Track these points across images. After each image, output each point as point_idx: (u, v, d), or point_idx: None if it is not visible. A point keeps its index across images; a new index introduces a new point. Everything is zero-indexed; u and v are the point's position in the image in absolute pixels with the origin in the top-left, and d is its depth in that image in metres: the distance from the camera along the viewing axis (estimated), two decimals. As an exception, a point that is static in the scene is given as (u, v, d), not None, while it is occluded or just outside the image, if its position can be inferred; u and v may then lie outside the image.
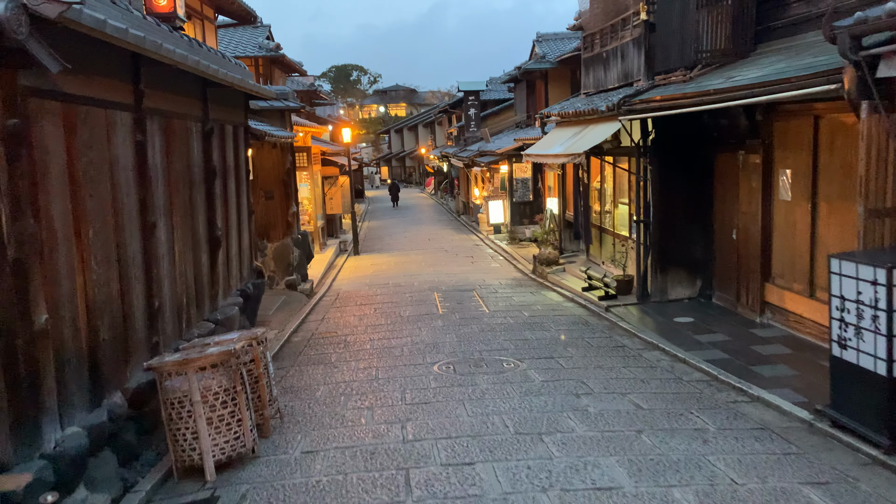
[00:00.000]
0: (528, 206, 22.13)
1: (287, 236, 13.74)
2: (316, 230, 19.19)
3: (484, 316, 11.15)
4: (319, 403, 7.05)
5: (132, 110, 5.97)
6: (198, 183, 7.73)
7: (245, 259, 9.71)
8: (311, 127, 18.50)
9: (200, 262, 7.73)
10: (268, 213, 13.62)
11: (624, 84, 12.41)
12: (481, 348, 9.01)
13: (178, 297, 6.95)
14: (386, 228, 28.51)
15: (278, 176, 13.62)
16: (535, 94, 27.46)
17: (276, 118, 13.54)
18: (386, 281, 15.52)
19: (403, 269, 17.20)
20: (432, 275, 16.03)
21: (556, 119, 15.12)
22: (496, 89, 36.10)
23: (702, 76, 9.50)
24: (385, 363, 8.53)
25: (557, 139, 13.89)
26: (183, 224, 7.20)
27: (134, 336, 5.80)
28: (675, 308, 10.66)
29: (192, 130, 7.55)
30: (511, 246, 19.93)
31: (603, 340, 9.25)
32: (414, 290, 14.08)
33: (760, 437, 5.65)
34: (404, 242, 23.16)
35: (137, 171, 6.05)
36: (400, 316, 11.47)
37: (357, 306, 12.68)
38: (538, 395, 6.89)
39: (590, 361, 8.17)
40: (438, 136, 50.84)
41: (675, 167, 10.85)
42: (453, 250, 20.53)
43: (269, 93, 9.73)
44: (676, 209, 10.95)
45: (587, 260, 14.73)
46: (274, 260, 13.60)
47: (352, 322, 11.31)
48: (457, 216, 31.33)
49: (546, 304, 12.10)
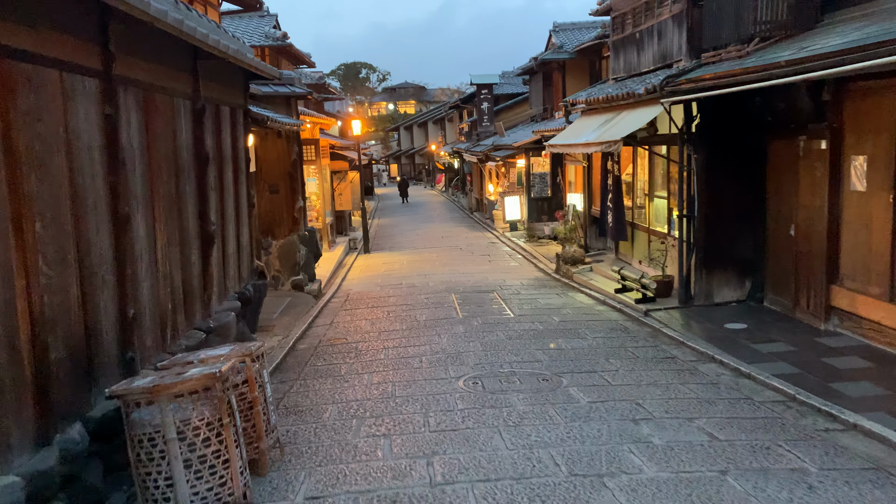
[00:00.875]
0: (547, 202, 20.96)
1: (293, 233, 12.64)
2: (324, 227, 18.09)
3: (509, 321, 10.01)
4: (327, 429, 5.93)
5: (99, 77, 4.87)
6: (187, 170, 6.63)
7: (244, 258, 8.61)
8: (319, 118, 17.41)
9: (190, 261, 6.63)
10: (272, 209, 12.53)
11: (661, 66, 11.23)
12: (510, 359, 7.87)
13: (160, 302, 5.85)
14: (397, 226, 27.40)
15: (284, 168, 12.53)
16: (551, 87, 26.28)
17: (281, 106, 12.44)
18: (399, 281, 14.40)
19: (417, 269, 16.08)
20: (448, 275, 14.90)
21: (583, 107, 13.95)
22: (509, 83, 34.95)
23: (760, 51, 8.33)
24: (402, 377, 7.40)
25: (585, 128, 12.73)
26: (168, 217, 6.10)
27: (100, 353, 4.70)
28: (724, 313, 9.49)
29: (179, 108, 6.45)
30: (529, 244, 18.77)
31: (648, 350, 8.10)
32: (429, 291, 12.95)
33: (878, 481, 4.49)
34: (416, 240, 22.05)
35: (107, 152, 4.94)
36: (416, 320, 10.34)
37: (369, 309, 11.56)
38: (588, 421, 5.75)
39: (639, 376, 7.02)
40: (448, 132, 49.71)
41: (722, 156, 9.68)
42: (468, 248, 19.39)
43: (272, 70, 8.64)
44: (724, 203, 9.78)
45: (616, 259, 13.57)
46: (279, 259, 12.51)
47: (363, 327, 10.20)
48: (469, 213, 30.19)
49: (576, 307, 10.94)
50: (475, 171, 30.30)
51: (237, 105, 8.48)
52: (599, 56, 23.34)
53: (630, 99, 10.82)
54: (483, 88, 30.82)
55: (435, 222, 27.87)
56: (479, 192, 29.62)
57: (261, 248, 12.16)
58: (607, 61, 22.84)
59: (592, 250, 14.71)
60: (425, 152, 57.46)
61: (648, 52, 11.79)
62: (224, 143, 7.86)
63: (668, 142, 10.85)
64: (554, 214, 19.79)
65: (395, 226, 27.54)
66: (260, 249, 12.19)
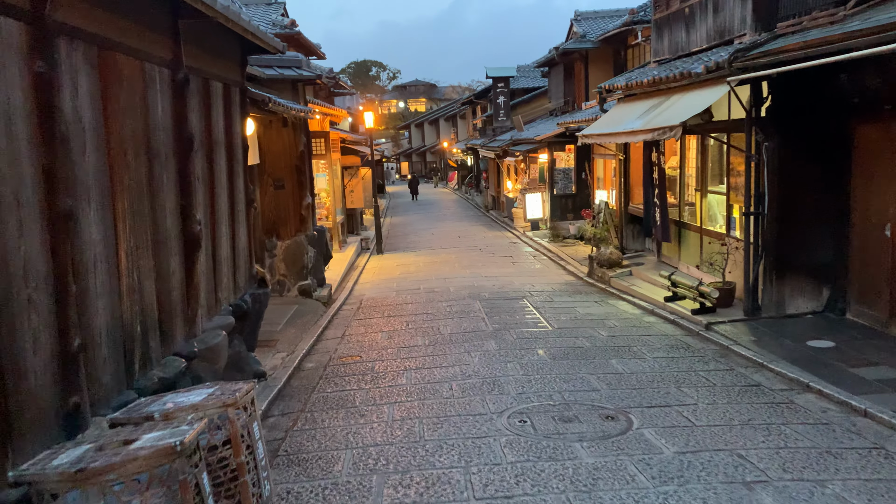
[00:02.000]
0: (571, 200, 19.51)
1: (300, 233, 11.26)
2: (335, 226, 16.72)
3: (547, 335, 8.60)
4: (339, 490, 4.52)
5: (26, 19, 3.49)
6: (165, 156, 5.25)
7: (242, 263, 7.22)
8: (329, 108, 16.03)
9: (168, 269, 5.25)
10: (277, 206, 11.15)
11: (718, 43, 9.78)
12: (560, 387, 6.46)
13: (125, 325, 4.47)
14: (410, 224, 26.00)
15: (290, 161, 11.15)
16: (572, 78, 24.83)
17: (286, 91, 11.06)
18: (416, 285, 13.01)
19: (435, 272, 14.67)
20: (469, 278, 13.49)
21: (621, 94, 12.52)
22: (525, 77, 33.54)
23: (859, 14, 6.88)
24: (430, 410, 6.00)
25: (626, 116, 11.28)
26: (137, 215, 4.72)
27: (23, 404, 3.32)
28: (800, 327, 8.05)
29: (153, 77, 5.07)
30: (554, 244, 17.33)
31: (724, 375, 6.66)
32: (451, 297, 11.54)
33: None
34: (432, 240, 20.64)
35: (38, 124, 3.56)
36: (440, 333, 8.94)
37: (385, 318, 10.16)
38: (683, 483, 4.32)
39: (727, 413, 5.59)
40: (461, 129, 48.32)
41: (798, 144, 8.23)
42: (488, 249, 17.96)
43: (273, 41, 7.25)
44: (799, 198, 8.33)
45: (658, 262, 12.12)
46: (284, 262, 11.13)
47: (379, 341, 8.80)
48: (485, 211, 28.74)
49: (622, 318, 9.51)
50: (491, 167, 28.87)
51: (232, 82, 7.09)
52: (625, 45, 21.88)
53: (683, 80, 9.37)
54: (499, 82, 29.39)
55: (450, 221, 26.45)
56: (495, 189, 28.19)
57: (263, 251, 10.79)
58: (634, 50, 21.43)
59: (629, 252, 13.26)
60: (437, 150, 56.08)
61: (701, 28, 10.33)
62: (215, 126, 6.47)
63: (729, 128, 9.40)
64: (580, 212, 18.33)
65: (409, 224, 26.14)
66: (263, 252, 10.82)
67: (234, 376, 6.65)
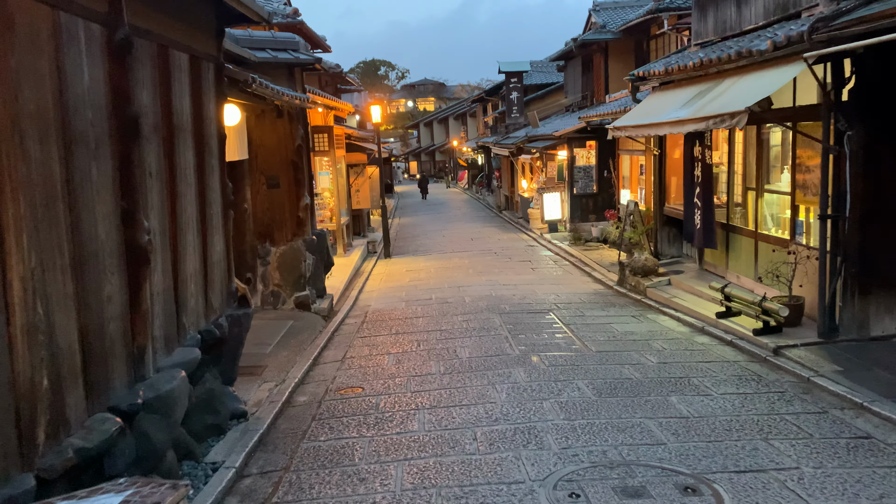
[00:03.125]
0: (592, 200, 18.06)
1: (297, 238, 9.87)
2: (339, 229, 15.35)
3: (585, 360, 7.18)
4: None
5: None
6: (95, 142, 3.87)
7: (216, 279, 5.84)
8: (332, 100, 14.66)
9: (100, 295, 3.88)
10: (271, 207, 9.77)
11: (780, 18, 8.33)
12: (616, 438, 5.03)
13: (16, 380, 3.10)
14: (419, 226, 24.60)
15: (285, 156, 9.76)
16: (591, 72, 23.39)
17: (281, 78, 9.68)
18: (427, 295, 11.61)
19: (448, 278, 13.26)
20: (486, 286, 12.09)
21: (655, 83, 11.08)
22: (538, 72, 32.14)
23: None
24: (450, 474, 4.59)
25: (666, 105, 9.85)
26: (42, 222, 3.35)
27: None
28: (891, 352, 6.60)
29: (73, 32, 3.69)
30: (575, 248, 15.88)
31: (820, 421, 5.22)
32: (467, 309, 10.14)
33: None
34: (443, 243, 19.22)
35: None
36: (457, 357, 7.54)
37: (392, 336, 8.78)
38: None
39: (845, 484, 4.16)
40: (471, 128, 46.93)
41: (889, 133, 6.79)
42: (504, 253, 16.53)
43: (258, 7, 5.85)
44: (890, 198, 6.89)
45: (700, 270, 10.67)
46: (279, 270, 9.75)
47: (386, 367, 7.40)
48: (498, 212, 27.30)
49: (669, 337, 8.08)
50: (504, 165, 27.43)
51: (204, 55, 5.70)
52: (648, 35, 20.41)
53: (741, 60, 7.92)
54: (512, 77, 27.95)
55: (461, 222, 25.02)
56: (509, 188, 26.75)
57: (255, 258, 9.41)
58: (657, 41, 19.93)
59: (664, 258, 11.81)
60: (446, 149, 54.69)
61: (756, 2, 8.88)
62: (178, 108, 5.08)
63: (795, 116, 7.94)
64: (603, 213, 16.90)
65: (418, 226, 24.74)
66: (254, 259, 9.44)
67: (205, 420, 5.28)
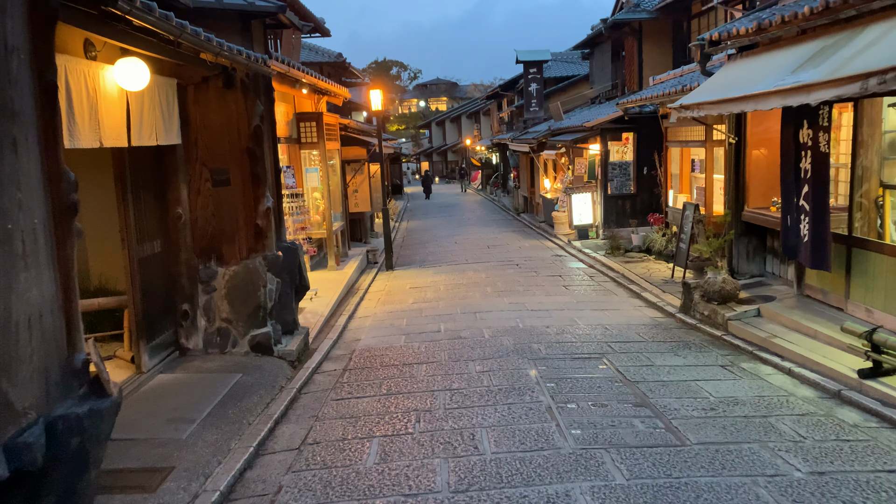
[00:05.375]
0: (630, 201, 15.18)
1: (256, 254, 7.05)
2: (330, 236, 12.55)
3: (688, 465, 4.31)
4: None
5: None
6: None
7: (32, 352, 3.05)
8: (323, 82, 11.85)
9: None
10: (219, 212, 6.96)
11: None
12: None
13: None
14: (429, 230, 21.75)
15: (238, 142, 6.95)
16: (621, 59, 20.52)
17: (233, 33, 6.91)
18: (434, 325, 8.78)
19: (461, 299, 10.42)
20: (510, 312, 9.25)
21: (735, 46, 8.19)
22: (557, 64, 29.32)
23: None
24: None
25: (760, 72, 6.97)
26: None
27: None
28: None
29: None
30: (614, 259, 13.00)
31: None
32: (487, 350, 7.31)
33: None
34: (455, 251, 16.36)
35: None
36: (476, 451, 4.69)
37: (382, 399, 5.94)
38: None
39: None
40: (484, 126, 44.10)
41: None
42: (528, 264, 13.66)
43: None
44: None
45: (800, 296, 7.76)
46: (229, 299, 6.94)
47: (364, 468, 4.55)
48: (516, 214, 24.37)
49: (795, 410, 5.17)
50: (523, 163, 24.54)
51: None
52: (688, 14, 17.45)
53: None
54: (531, 67, 25.10)
55: (476, 226, 22.14)
56: (528, 189, 23.85)
57: (195, 283, 6.67)
58: (700, 20, 16.91)
59: (741, 276, 8.91)
60: (458, 148, 51.84)
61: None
62: None
63: None
64: (645, 217, 14.01)
65: (428, 230, 21.90)
66: (199, 283, 6.69)
67: None
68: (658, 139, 13.67)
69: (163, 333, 6.61)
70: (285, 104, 11.12)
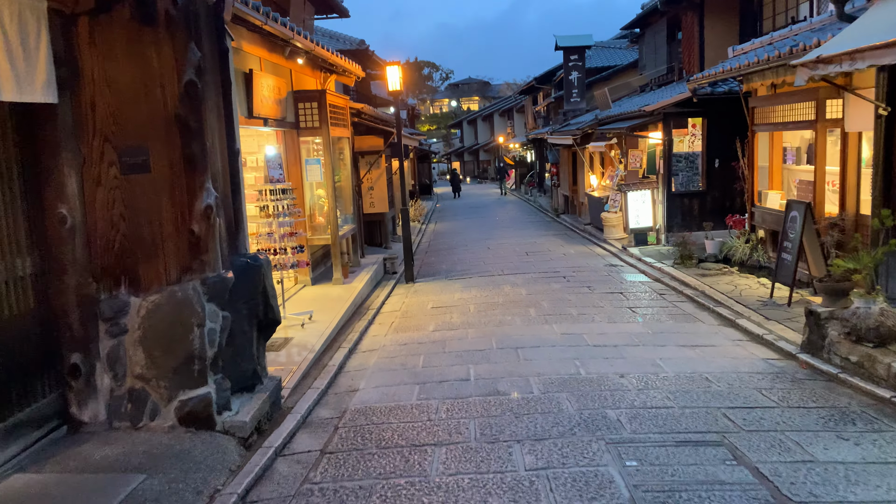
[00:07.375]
0: (699, 200, 12.47)
1: (190, 275, 4.60)
2: (335, 243, 10.11)
3: None
4: None
5: None
6: None
7: None
8: (326, 52, 9.40)
9: None
10: (132, 211, 4.53)
11: None
12: None
13: None
14: (458, 233, 19.21)
15: (161, 108, 4.51)
16: (677, 40, 17.72)
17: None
18: (462, 369, 6.25)
19: (496, 327, 7.87)
20: (566, 351, 6.67)
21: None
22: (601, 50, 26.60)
23: None
24: None
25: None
26: None
27: None
28: None
29: None
30: (686, 272, 10.30)
31: None
32: (538, 424, 4.76)
33: None
34: (488, 258, 13.77)
35: None
36: None
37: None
38: None
39: None
40: (517, 124, 41.49)
41: None
42: (577, 277, 11.02)
43: None
44: None
45: None
46: (145, 345, 4.49)
47: None
48: (555, 216, 21.65)
49: None
50: (564, 159, 21.85)
51: None
52: (762, -19, 14.68)
53: None
54: (572, 54, 22.45)
55: (510, 229, 19.50)
56: (569, 187, 21.14)
57: (96, 318, 4.21)
58: (777, -13, 14.18)
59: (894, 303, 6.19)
60: (491, 147, 49.22)
61: None
62: None
63: None
64: (723, 220, 11.27)
65: (457, 233, 19.36)
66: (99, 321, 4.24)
67: None
68: (732, 125, 10.94)
69: (32, 403, 4.20)
70: (276, 77, 8.71)
